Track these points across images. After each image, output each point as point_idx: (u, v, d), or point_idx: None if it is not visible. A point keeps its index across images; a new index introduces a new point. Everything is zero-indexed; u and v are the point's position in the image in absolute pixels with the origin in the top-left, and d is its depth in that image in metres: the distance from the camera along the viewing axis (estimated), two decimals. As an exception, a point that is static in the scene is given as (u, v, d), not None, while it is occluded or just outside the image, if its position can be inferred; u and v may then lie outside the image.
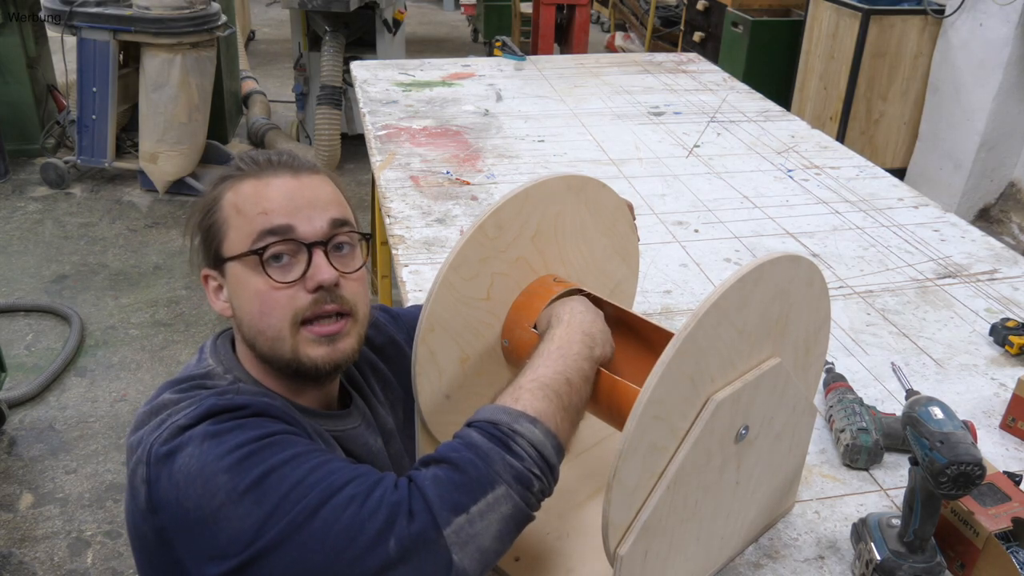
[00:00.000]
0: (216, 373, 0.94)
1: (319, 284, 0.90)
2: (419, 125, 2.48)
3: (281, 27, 7.28)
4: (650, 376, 0.81)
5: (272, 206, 0.91)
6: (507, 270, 1.06)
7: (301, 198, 0.92)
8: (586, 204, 1.12)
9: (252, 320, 0.92)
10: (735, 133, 2.55)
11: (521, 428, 0.83)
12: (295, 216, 0.91)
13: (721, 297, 0.84)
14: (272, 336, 0.91)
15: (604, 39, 7.16)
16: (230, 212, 0.92)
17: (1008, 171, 4.16)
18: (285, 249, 0.90)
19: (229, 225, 0.92)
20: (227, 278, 0.94)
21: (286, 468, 0.79)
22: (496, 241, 1.03)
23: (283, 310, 0.90)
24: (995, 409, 1.39)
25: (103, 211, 4.13)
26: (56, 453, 2.59)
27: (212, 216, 0.93)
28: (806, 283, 0.98)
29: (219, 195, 0.94)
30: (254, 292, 0.91)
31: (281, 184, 0.93)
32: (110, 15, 3.90)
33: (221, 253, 0.93)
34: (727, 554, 1.06)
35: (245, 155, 0.97)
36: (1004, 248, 1.93)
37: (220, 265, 0.94)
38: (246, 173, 0.94)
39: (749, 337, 0.92)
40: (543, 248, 1.09)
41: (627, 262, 1.24)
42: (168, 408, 0.88)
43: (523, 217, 1.05)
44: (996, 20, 3.85)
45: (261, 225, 0.90)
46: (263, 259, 0.90)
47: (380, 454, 1.05)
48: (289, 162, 0.95)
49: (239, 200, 0.92)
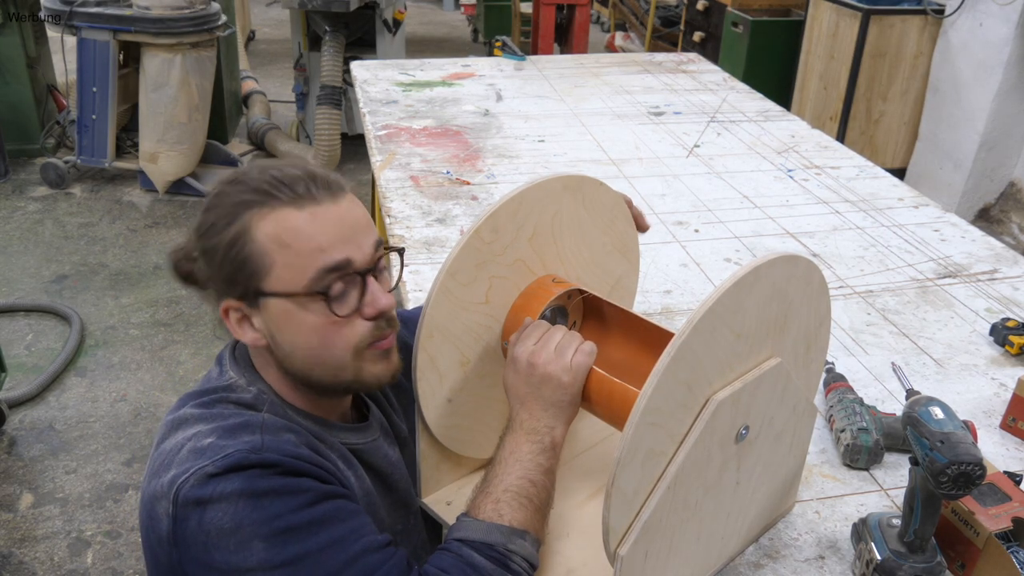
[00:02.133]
0: (239, 386, 0.93)
1: (379, 313, 0.90)
2: (419, 125, 2.48)
3: (281, 27, 7.28)
4: (647, 383, 0.81)
5: (327, 241, 0.87)
6: (505, 273, 1.06)
7: (348, 226, 0.89)
8: (583, 203, 1.12)
9: (310, 353, 0.90)
10: (735, 133, 2.55)
11: (515, 546, 0.89)
12: (348, 247, 0.88)
13: (716, 302, 0.84)
14: (334, 366, 0.91)
15: (604, 39, 7.16)
16: (271, 246, 0.86)
17: (1008, 171, 4.16)
18: (346, 284, 0.89)
19: (272, 260, 0.86)
20: (267, 311, 0.89)
21: (323, 556, 0.81)
22: (492, 245, 1.02)
23: (345, 341, 0.90)
24: (995, 409, 1.39)
25: (103, 211, 4.13)
26: (56, 453, 2.59)
27: (243, 248, 0.86)
28: (805, 283, 0.98)
29: (248, 225, 0.86)
30: (311, 327, 0.88)
31: (326, 214, 0.88)
32: (110, 15, 3.90)
33: (261, 288, 0.88)
34: (727, 554, 1.06)
35: (268, 175, 0.88)
36: (1004, 248, 1.93)
37: (255, 299, 0.89)
38: (280, 200, 0.87)
39: (747, 339, 0.92)
40: (541, 249, 1.09)
41: (627, 257, 1.24)
42: (189, 425, 0.88)
43: (519, 219, 1.04)
44: (996, 20, 3.85)
45: (321, 263, 0.86)
46: (329, 297, 0.88)
47: (398, 464, 1.06)
48: (323, 182, 0.90)
49: (283, 233, 0.86)
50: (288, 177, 0.88)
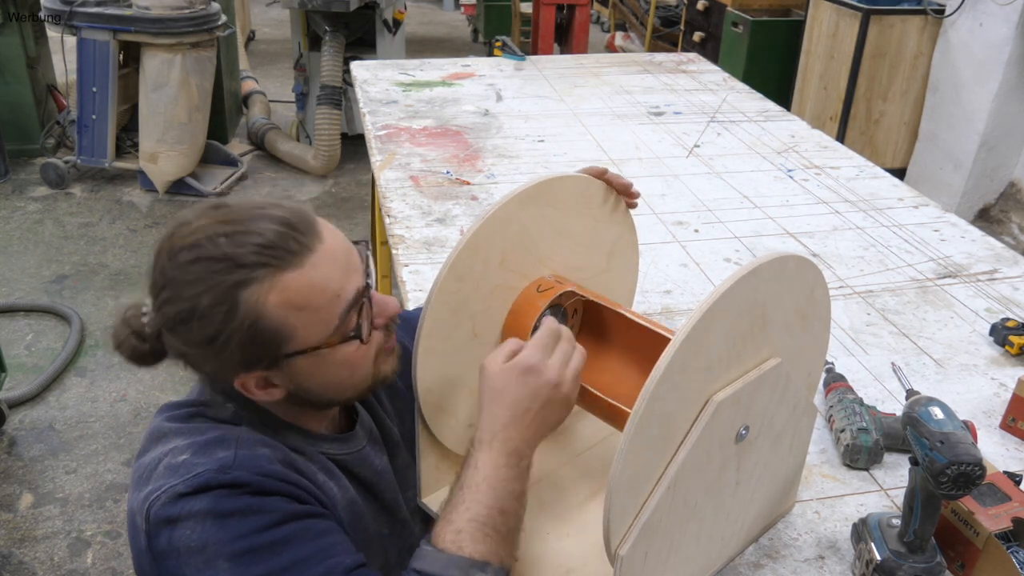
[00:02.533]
0: (216, 402, 0.93)
1: (393, 316, 0.93)
2: (419, 125, 2.48)
3: (281, 27, 7.27)
4: (646, 384, 0.81)
5: (337, 286, 0.86)
6: (486, 304, 1.05)
7: (339, 256, 0.88)
8: (548, 203, 1.08)
9: (342, 384, 0.92)
10: (735, 133, 2.55)
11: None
12: (352, 277, 0.88)
13: (716, 302, 0.84)
14: (358, 382, 0.93)
15: (604, 39, 7.16)
16: (286, 313, 0.83)
17: (1008, 171, 4.16)
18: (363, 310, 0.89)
19: (292, 325, 0.84)
20: (292, 368, 0.87)
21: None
22: (461, 290, 1.01)
23: (369, 357, 0.92)
24: (995, 409, 1.39)
25: (103, 211, 4.13)
26: (56, 453, 2.59)
27: (257, 329, 0.83)
28: (805, 282, 0.98)
29: (253, 305, 0.82)
30: (343, 361, 0.89)
31: (323, 258, 0.85)
32: (110, 15, 3.90)
33: (287, 351, 0.86)
34: (727, 554, 1.06)
35: (250, 246, 0.82)
36: (1004, 248, 1.93)
37: (279, 362, 0.87)
38: (273, 266, 0.82)
39: (747, 339, 0.92)
40: (517, 266, 1.07)
41: (616, 221, 1.19)
42: (167, 440, 0.88)
43: (483, 255, 1.02)
44: (996, 20, 3.85)
45: (341, 308, 0.86)
46: (360, 333, 0.89)
47: (386, 472, 1.05)
48: (305, 227, 0.86)
49: (294, 298, 0.83)
50: (268, 239, 0.82)
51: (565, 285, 1.09)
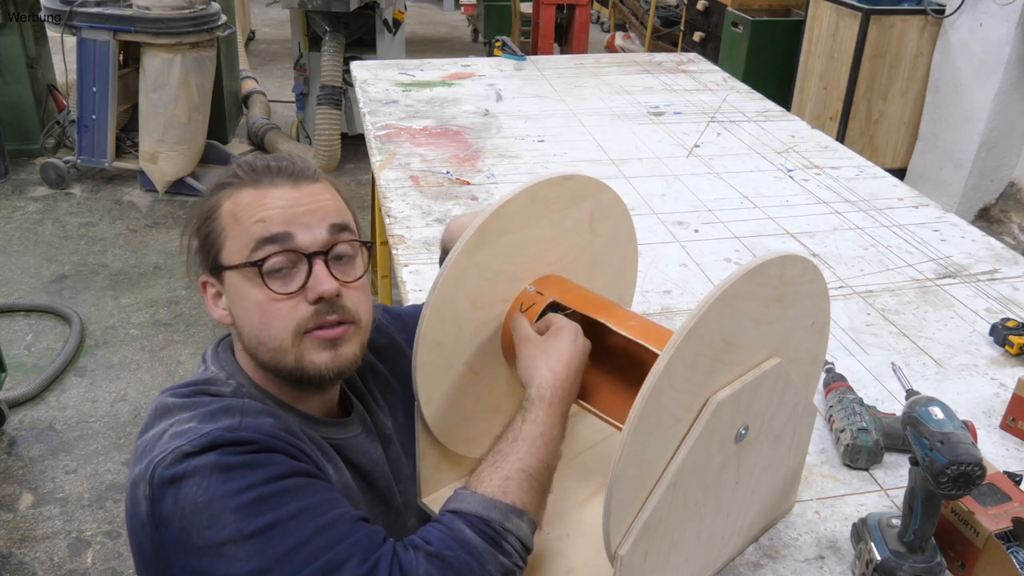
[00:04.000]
0: (219, 379, 0.94)
1: (320, 296, 0.90)
2: (419, 125, 2.48)
3: (281, 27, 7.28)
4: (645, 384, 0.81)
5: (269, 214, 0.90)
6: (476, 341, 1.05)
7: (300, 206, 0.91)
8: (499, 234, 1.03)
9: (253, 331, 0.92)
10: (735, 133, 2.55)
11: (511, 525, 0.86)
12: (293, 224, 0.90)
13: (716, 301, 0.84)
14: (274, 347, 0.91)
15: (604, 39, 7.16)
16: (228, 220, 0.92)
17: (1008, 171, 4.16)
18: (284, 260, 0.90)
19: (227, 234, 0.91)
20: (226, 287, 0.93)
21: (293, 523, 0.80)
22: (443, 347, 1.01)
23: (284, 322, 0.90)
24: (995, 409, 1.39)
25: (103, 211, 4.13)
26: (56, 453, 2.59)
27: (210, 224, 0.93)
28: (804, 282, 0.98)
29: (217, 202, 0.93)
30: (254, 303, 0.90)
31: (280, 193, 0.91)
32: (110, 15, 3.90)
33: (219, 261, 0.92)
34: (727, 554, 1.06)
35: (244, 162, 0.96)
36: (1004, 248, 1.93)
37: (218, 273, 0.93)
38: (244, 181, 0.93)
39: (747, 338, 0.92)
40: (494, 291, 1.05)
41: (582, 196, 1.13)
42: (172, 414, 0.88)
43: (453, 306, 1.00)
44: (996, 20, 3.85)
45: (259, 234, 0.89)
46: (262, 270, 0.89)
47: (380, 462, 1.05)
48: (289, 169, 0.94)
49: (237, 208, 0.91)
50: (259, 160, 0.95)
51: (547, 296, 1.07)
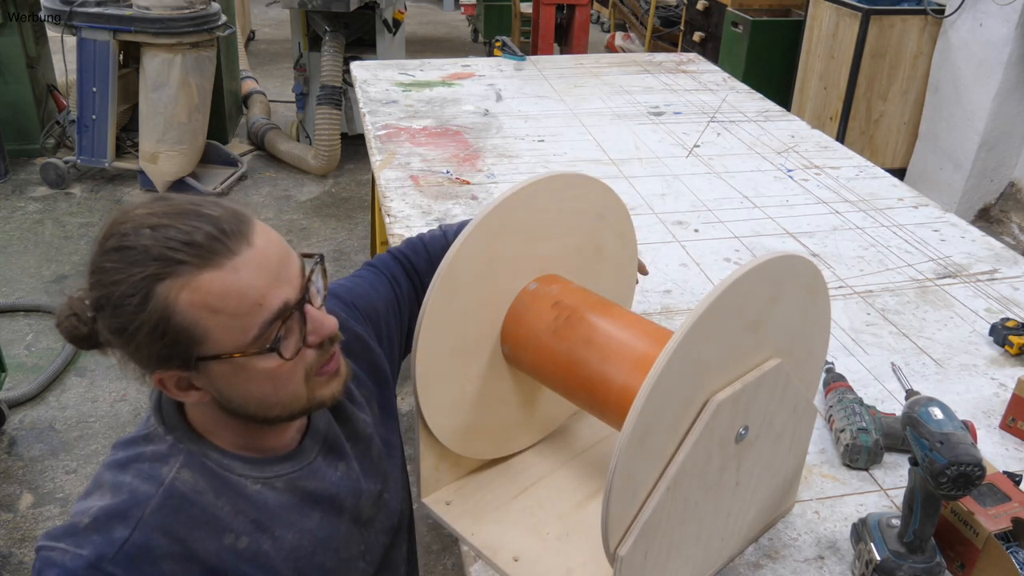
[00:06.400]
0: (157, 435, 0.91)
1: (326, 337, 0.87)
2: (419, 125, 2.48)
3: (281, 27, 7.28)
4: (644, 384, 0.81)
5: (259, 295, 0.81)
6: (476, 339, 1.05)
7: (270, 264, 0.83)
8: (503, 229, 1.05)
9: (264, 400, 0.87)
10: (735, 133, 2.55)
11: None
12: (282, 289, 0.83)
13: (715, 301, 0.84)
14: (289, 403, 0.88)
15: (604, 39, 7.16)
16: (201, 313, 0.79)
17: (1008, 171, 4.16)
18: (288, 322, 0.84)
19: (204, 327, 0.80)
20: (209, 372, 0.84)
21: None
22: (442, 346, 1.01)
23: (298, 376, 0.87)
24: (995, 409, 1.39)
25: (103, 211, 4.13)
26: (56, 453, 2.59)
27: (168, 326, 0.80)
28: (805, 283, 0.98)
29: (165, 300, 0.79)
30: (263, 376, 0.85)
31: (248, 263, 0.81)
32: (110, 15, 3.90)
33: (199, 355, 0.82)
34: (727, 554, 1.06)
35: (168, 241, 0.79)
36: (1004, 248, 1.93)
37: (195, 364, 0.83)
38: (193, 265, 0.79)
39: (746, 339, 0.92)
40: (494, 288, 1.05)
41: (589, 192, 1.15)
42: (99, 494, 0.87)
43: (453, 303, 1.00)
44: (996, 20, 3.85)
45: (262, 318, 0.81)
46: (279, 348, 0.83)
47: (341, 481, 1.00)
48: (233, 230, 0.81)
49: (209, 300, 0.79)
50: (191, 236, 0.79)
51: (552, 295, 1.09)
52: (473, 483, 1.18)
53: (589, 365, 1.02)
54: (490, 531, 1.10)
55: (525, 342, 1.08)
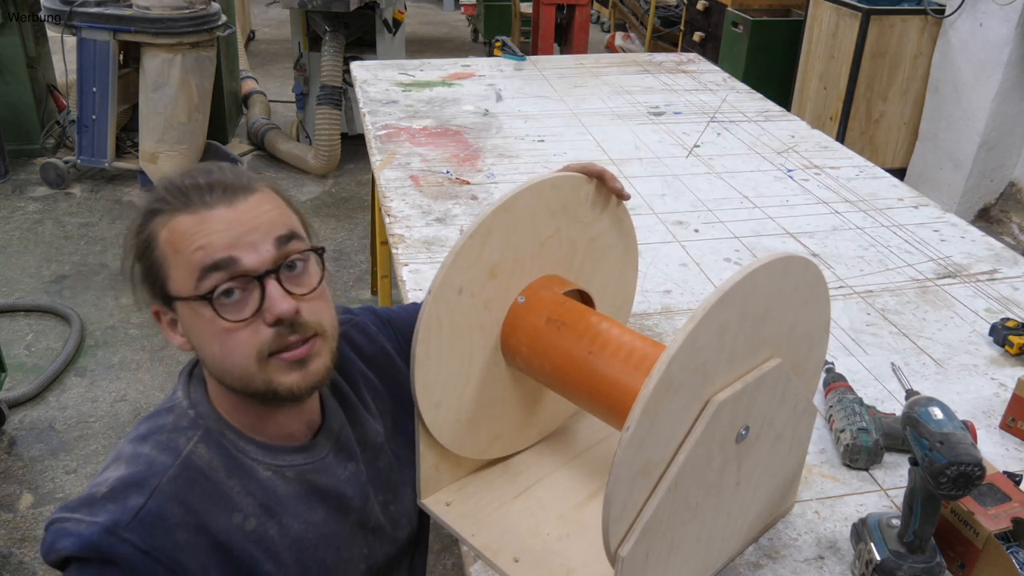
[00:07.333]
0: (180, 408, 0.93)
1: (278, 318, 0.86)
2: (419, 125, 2.48)
3: (281, 27, 7.28)
4: (644, 384, 0.81)
5: (209, 240, 0.85)
6: (476, 340, 1.05)
7: (240, 225, 0.86)
8: (504, 229, 1.05)
9: (215, 360, 0.88)
10: (735, 133, 2.55)
11: None
12: (237, 247, 0.85)
13: (716, 302, 0.84)
14: (239, 375, 0.88)
15: (604, 39, 7.16)
16: (167, 250, 0.87)
17: (1008, 171, 4.16)
18: (233, 285, 0.85)
19: (169, 264, 0.87)
20: (179, 316, 0.89)
21: None
22: (442, 346, 1.01)
23: (246, 348, 0.86)
24: (995, 409, 1.39)
25: (103, 211, 4.13)
26: (56, 453, 2.59)
27: (151, 255, 0.88)
28: (805, 283, 0.98)
29: (154, 232, 0.88)
30: (210, 334, 0.87)
31: (216, 215, 0.86)
32: (110, 15, 3.90)
33: (168, 292, 0.88)
34: (727, 554, 1.06)
35: (171, 184, 0.89)
36: (1004, 248, 1.93)
37: (169, 303, 0.89)
38: (175, 206, 0.87)
39: (747, 340, 0.92)
40: (494, 288, 1.06)
41: (590, 193, 1.16)
42: (117, 465, 0.89)
43: (452, 304, 1.00)
44: (996, 20, 3.85)
45: (200, 262, 0.85)
46: (212, 300, 0.85)
47: (351, 480, 1.01)
48: (221, 184, 0.88)
49: (174, 238, 0.86)
50: (187, 185, 0.88)
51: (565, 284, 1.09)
52: (473, 483, 1.18)
53: (589, 365, 1.03)
54: (490, 532, 1.10)
55: (525, 343, 1.08)
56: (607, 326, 1.05)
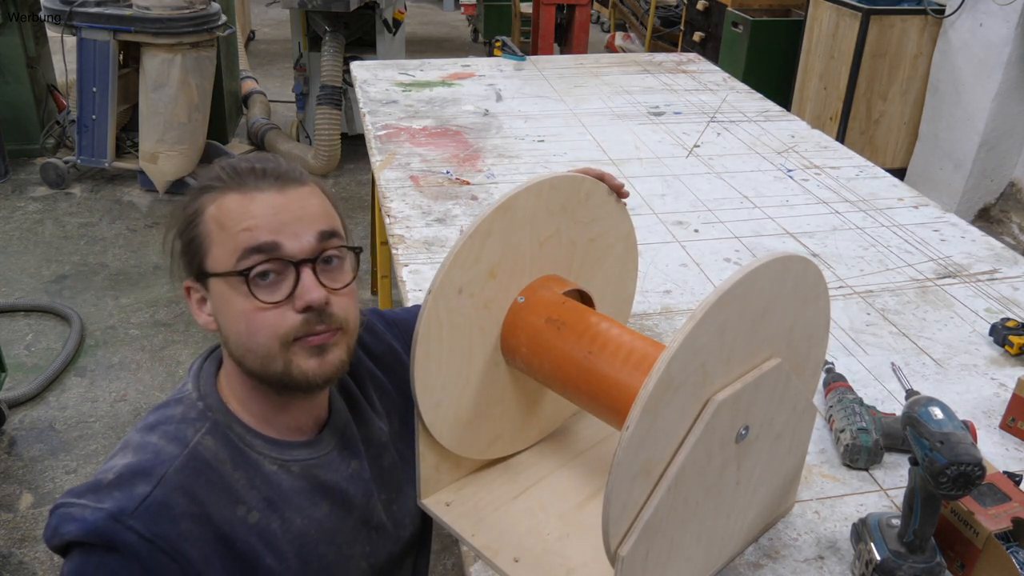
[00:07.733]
0: (190, 400, 0.95)
1: (308, 305, 0.88)
2: (419, 125, 2.48)
3: (281, 27, 7.28)
4: (644, 385, 0.81)
5: (256, 223, 0.88)
6: (476, 340, 1.05)
7: (287, 213, 0.90)
8: (504, 229, 1.05)
9: (239, 339, 0.90)
10: (735, 133, 2.55)
11: None
12: (281, 232, 0.89)
13: (716, 302, 0.84)
14: (262, 355, 0.90)
15: (604, 39, 7.16)
16: (212, 227, 0.90)
17: (1008, 171, 4.16)
18: (271, 268, 0.88)
19: (212, 240, 0.90)
20: (211, 293, 0.92)
21: None
22: (442, 346, 1.01)
23: (271, 330, 0.89)
24: (995, 409, 1.39)
25: (103, 211, 4.13)
26: (56, 453, 2.59)
27: (194, 229, 0.91)
28: (805, 283, 0.98)
29: (201, 207, 0.91)
30: (240, 312, 0.89)
31: (266, 199, 0.90)
32: (110, 15, 3.90)
33: (205, 268, 0.91)
34: (727, 554, 1.06)
35: (227, 164, 0.94)
36: (1004, 248, 1.93)
37: (203, 279, 0.92)
38: (228, 185, 0.91)
39: (747, 340, 0.92)
40: (494, 287, 1.05)
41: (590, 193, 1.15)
42: (125, 453, 0.90)
43: (452, 303, 1.00)
44: (996, 20, 3.85)
45: (245, 243, 0.88)
46: (249, 279, 0.88)
47: (354, 478, 1.02)
48: (274, 172, 0.92)
49: (222, 215, 0.90)
50: (244, 162, 0.93)
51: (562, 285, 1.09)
52: (473, 484, 1.18)
53: (589, 365, 1.03)
54: (490, 532, 1.10)
55: (525, 343, 1.08)
56: (607, 326, 1.05)
